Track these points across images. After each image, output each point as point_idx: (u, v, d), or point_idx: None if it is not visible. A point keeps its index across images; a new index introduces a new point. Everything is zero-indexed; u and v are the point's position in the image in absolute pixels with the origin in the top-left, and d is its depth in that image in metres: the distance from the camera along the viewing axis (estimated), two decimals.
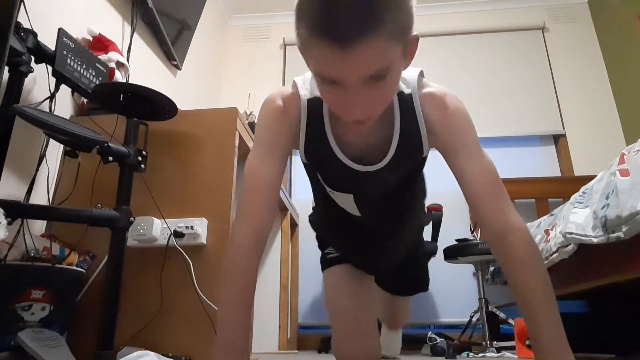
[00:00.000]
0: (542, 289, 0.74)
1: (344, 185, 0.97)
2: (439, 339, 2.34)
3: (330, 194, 1.01)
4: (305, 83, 0.90)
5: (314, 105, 0.87)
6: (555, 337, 0.72)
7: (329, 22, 0.64)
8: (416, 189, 1.12)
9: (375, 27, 0.62)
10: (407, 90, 0.86)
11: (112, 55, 1.80)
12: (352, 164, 0.89)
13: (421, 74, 0.88)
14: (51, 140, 1.51)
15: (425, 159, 0.96)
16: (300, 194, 3.48)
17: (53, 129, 1.13)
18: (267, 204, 0.83)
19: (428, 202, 2.65)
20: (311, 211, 1.37)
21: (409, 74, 0.87)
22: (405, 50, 0.72)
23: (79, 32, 1.78)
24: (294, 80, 0.91)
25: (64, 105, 1.70)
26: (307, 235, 3.33)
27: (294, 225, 3.14)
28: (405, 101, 0.85)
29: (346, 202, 1.00)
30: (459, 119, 0.84)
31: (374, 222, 1.07)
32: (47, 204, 1.51)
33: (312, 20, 0.67)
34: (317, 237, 1.38)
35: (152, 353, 1.25)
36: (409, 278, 1.44)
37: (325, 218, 1.21)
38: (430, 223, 2.72)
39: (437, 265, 2.67)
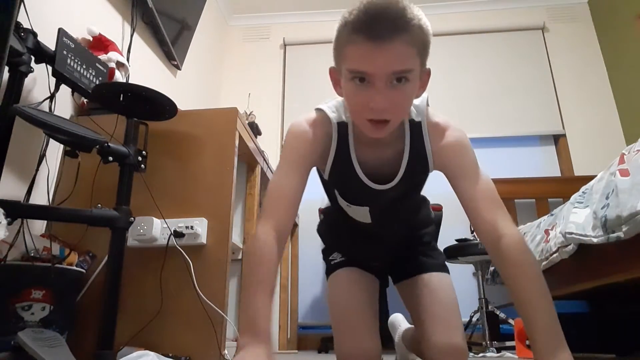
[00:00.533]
0: (537, 289, 0.79)
1: (362, 201, 1.08)
2: None
3: (346, 208, 1.11)
4: (332, 108, 1.01)
5: (342, 128, 1.00)
6: (552, 334, 0.75)
7: (368, 24, 0.80)
8: (419, 193, 1.23)
9: (404, 31, 0.80)
10: (417, 118, 0.99)
11: (112, 55, 1.80)
12: (371, 183, 1.02)
13: (427, 102, 1.02)
14: (51, 140, 1.51)
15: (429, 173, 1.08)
16: None
17: (53, 129, 1.13)
18: (288, 210, 0.91)
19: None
20: (318, 219, 1.44)
21: (419, 103, 1.00)
22: (422, 76, 0.89)
23: (79, 32, 1.78)
24: (319, 108, 1.02)
25: (64, 105, 1.70)
26: (307, 236, 3.33)
27: (294, 225, 3.14)
28: (415, 127, 0.99)
29: (360, 213, 1.11)
30: (459, 147, 0.98)
31: (384, 226, 1.15)
32: (47, 204, 1.51)
33: (355, 23, 0.81)
34: (323, 248, 1.37)
35: (152, 353, 1.25)
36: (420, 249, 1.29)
37: (336, 226, 1.28)
38: None
39: None
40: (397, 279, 1.29)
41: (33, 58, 1.33)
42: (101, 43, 1.82)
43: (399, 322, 1.61)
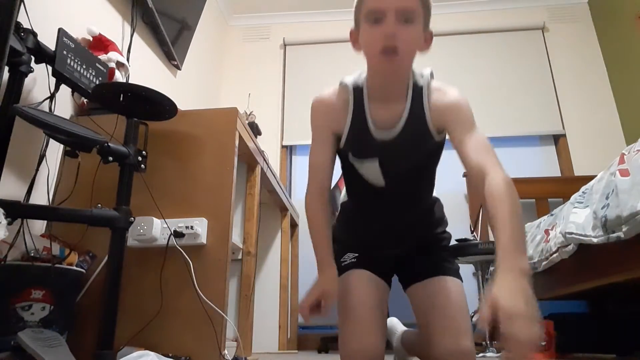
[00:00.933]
0: (511, 210, 0.84)
1: (371, 153, 1.16)
2: None
3: (358, 167, 1.18)
4: (349, 78, 1.16)
5: (358, 92, 1.14)
6: (514, 241, 0.80)
7: None
8: (432, 177, 1.27)
9: None
10: (420, 82, 1.12)
11: (112, 55, 1.80)
12: (376, 131, 1.12)
13: (432, 75, 1.15)
14: (51, 140, 1.51)
15: (437, 146, 1.17)
16: (301, 194, 3.48)
17: (53, 129, 1.13)
18: (325, 175, 1.16)
19: None
20: None
21: (424, 72, 1.14)
22: (425, 35, 1.08)
23: (79, 32, 1.78)
24: (340, 81, 1.17)
25: (64, 105, 1.70)
26: (307, 236, 3.33)
27: (294, 225, 3.14)
28: (417, 88, 1.12)
29: (372, 170, 1.18)
30: (457, 106, 1.09)
31: (395, 192, 1.21)
32: (47, 204, 1.51)
33: None
34: (335, 241, 1.34)
35: (152, 353, 1.25)
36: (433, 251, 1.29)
37: (352, 216, 1.35)
38: None
39: None
40: (411, 281, 1.26)
41: (33, 58, 1.33)
42: (101, 43, 1.82)
43: (396, 325, 1.60)
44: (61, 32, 1.39)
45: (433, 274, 1.22)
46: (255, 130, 2.89)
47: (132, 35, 2.23)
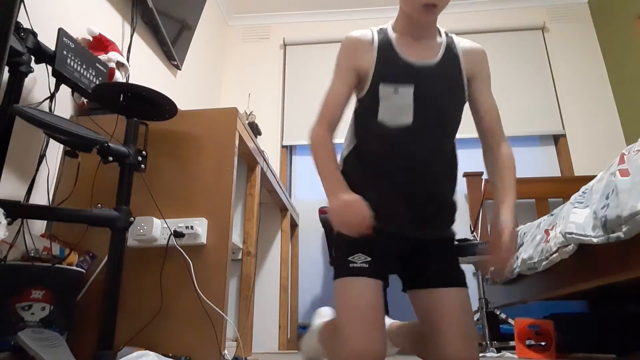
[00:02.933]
0: (512, 181, 1.15)
1: (406, 79, 1.15)
2: None
3: (387, 99, 1.14)
4: (375, 28, 1.19)
5: (382, 34, 1.18)
6: (513, 189, 1.14)
7: None
8: (457, 128, 1.25)
9: None
10: (449, 34, 1.22)
11: (112, 55, 1.80)
12: (414, 59, 1.14)
13: None
14: (51, 140, 1.51)
15: (462, 100, 1.21)
16: (301, 194, 3.48)
17: (53, 129, 1.13)
18: (337, 110, 1.14)
19: None
20: (318, 219, 1.52)
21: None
22: None
23: (79, 32, 1.78)
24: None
25: (64, 105, 1.70)
26: (307, 236, 3.34)
27: (294, 225, 3.14)
28: (448, 36, 1.21)
29: (403, 102, 1.15)
30: (485, 54, 1.23)
31: (422, 133, 1.16)
32: (47, 204, 1.51)
33: None
34: (341, 244, 1.22)
35: (152, 353, 1.25)
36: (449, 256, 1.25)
37: (366, 154, 1.22)
38: None
39: None
40: (418, 284, 1.20)
41: (33, 58, 1.33)
42: (101, 43, 1.82)
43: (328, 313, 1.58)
44: (61, 32, 1.39)
45: (446, 284, 1.15)
46: (255, 130, 2.89)
47: (132, 35, 2.23)
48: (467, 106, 1.24)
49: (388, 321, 1.50)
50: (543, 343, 1.99)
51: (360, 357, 1.03)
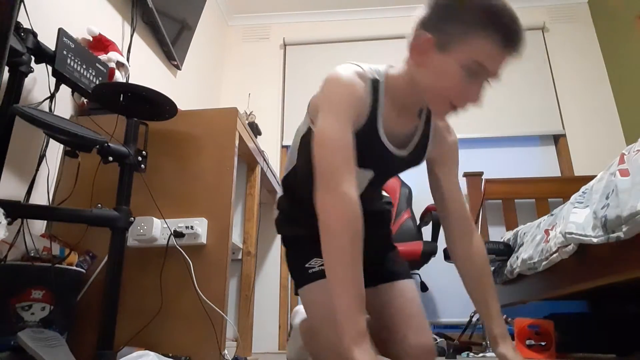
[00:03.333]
0: (495, 291, 1.09)
1: (372, 164, 1.09)
2: (438, 339, 2.34)
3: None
4: (366, 67, 1.03)
5: (375, 87, 1.02)
6: (499, 311, 1.09)
7: (511, 33, 0.89)
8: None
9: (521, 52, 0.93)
10: (426, 113, 1.12)
11: (112, 55, 1.80)
12: (391, 146, 1.05)
13: None
14: (51, 140, 1.51)
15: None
16: None
17: (53, 129, 1.13)
18: (353, 164, 0.91)
19: (428, 202, 2.66)
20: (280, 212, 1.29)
21: None
22: None
23: (79, 32, 1.78)
24: (357, 65, 1.02)
25: (64, 105, 1.70)
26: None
27: None
28: (428, 112, 1.12)
29: (359, 180, 1.05)
30: (455, 149, 1.16)
31: (367, 202, 1.08)
32: (47, 204, 1.51)
33: (499, 24, 0.88)
34: (291, 244, 1.23)
35: (152, 353, 1.25)
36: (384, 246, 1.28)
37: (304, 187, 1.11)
38: (430, 223, 2.73)
39: (437, 265, 2.68)
40: (374, 282, 1.20)
41: (33, 58, 1.33)
42: (101, 43, 1.82)
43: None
44: (61, 32, 1.39)
45: (393, 278, 1.19)
46: (255, 130, 2.89)
47: (132, 35, 2.23)
48: None
49: None
50: (543, 343, 1.99)
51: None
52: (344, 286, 0.79)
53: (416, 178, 2.81)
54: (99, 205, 1.29)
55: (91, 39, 1.82)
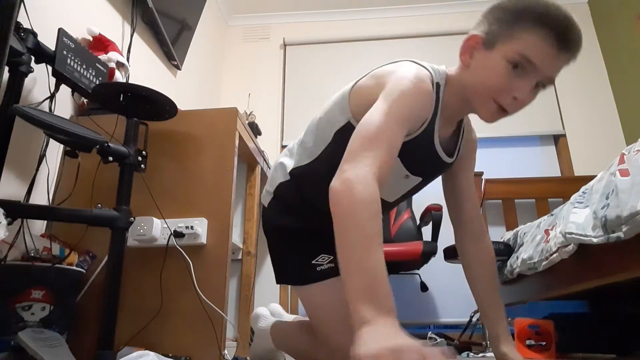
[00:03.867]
0: (499, 294, 1.11)
1: (422, 171, 1.05)
2: (438, 339, 2.34)
3: (392, 172, 0.92)
4: (433, 71, 0.95)
5: (438, 95, 0.96)
6: (504, 314, 1.09)
7: (565, 32, 0.85)
8: None
9: (577, 55, 0.92)
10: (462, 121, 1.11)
11: (112, 55, 1.80)
12: (443, 154, 1.02)
13: None
14: (51, 140, 1.51)
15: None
16: None
17: (53, 129, 1.13)
18: (391, 159, 0.79)
19: (428, 202, 2.65)
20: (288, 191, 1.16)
21: None
22: None
23: (79, 32, 1.78)
24: (423, 66, 0.94)
25: (64, 105, 1.70)
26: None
27: None
28: (462, 126, 1.10)
29: (398, 187, 1.08)
30: (476, 141, 1.16)
31: (388, 208, 1.13)
32: (47, 204, 1.51)
33: (553, 22, 0.84)
34: (288, 236, 1.13)
35: (152, 353, 1.25)
36: None
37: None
38: (430, 223, 2.73)
39: (437, 265, 2.68)
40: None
41: (33, 58, 1.33)
42: (101, 43, 1.82)
43: (280, 312, 1.50)
44: (61, 32, 1.39)
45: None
46: (255, 130, 2.89)
47: (132, 35, 2.23)
48: None
49: (286, 317, 1.46)
50: (543, 343, 1.99)
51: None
52: (364, 258, 0.63)
53: None
54: (99, 205, 1.29)
55: (91, 39, 1.82)
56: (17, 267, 1.24)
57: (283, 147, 3.62)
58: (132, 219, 1.32)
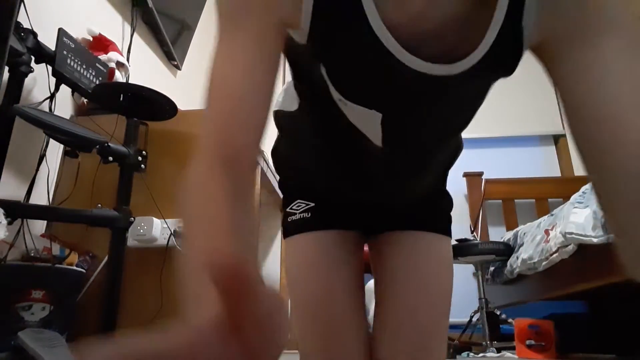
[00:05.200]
0: None
1: (374, 98, 0.57)
2: None
3: (340, 105, 0.59)
4: None
5: None
6: None
7: None
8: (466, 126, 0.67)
9: None
10: None
11: (112, 55, 1.80)
12: (408, 55, 0.49)
13: None
14: (51, 140, 1.51)
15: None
16: None
17: (53, 129, 1.14)
18: (245, 116, 0.49)
19: None
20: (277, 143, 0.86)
21: None
22: None
23: (79, 32, 1.78)
24: None
25: (64, 105, 1.70)
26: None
27: None
28: None
29: (364, 122, 0.61)
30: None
31: (396, 159, 0.68)
32: (47, 204, 1.51)
33: None
34: (282, 184, 0.86)
35: None
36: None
37: (313, 142, 0.74)
38: None
39: None
40: (380, 228, 0.81)
41: (33, 58, 1.33)
42: (101, 43, 1.82)
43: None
44: (61, 32, 1.39)
45: (418, 227, 0.76)
46: None
47: (132, 36, 2.23)
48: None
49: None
50: (543, 343, 1.99)
51: None
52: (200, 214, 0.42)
53: None
54: (99, 205, 1.29)
55: (91, 39, 1.82)
56: (17, 267, 1.24)
57: None
58: (132, 219, 1.32)
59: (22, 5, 1.29)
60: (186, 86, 3.01)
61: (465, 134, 0.82)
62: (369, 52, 0.49)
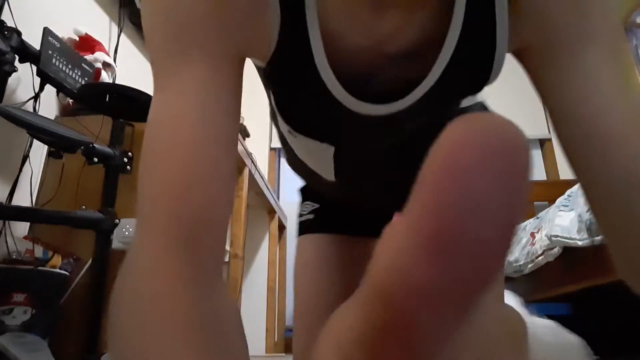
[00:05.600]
0: None
1: (322, 130, 0.52)
2: None
3: (288, 138, 0.57)
4: None
5: None
6: None
7: None
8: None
9: None
10: None
11: (99, 55, 1.78)
12: (350, 99, 0.45)
13: None
14: (35, 140, 1.49)
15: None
16: (289, 196, 3.47)
17: (37, 130, 1.12)
18: (204, 174, 0.38)
19: None
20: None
21: None
22: None
23: (65, 31, 1.75)
24: None
25: (49, 105, 1.68)
26: (295, 238, 3.33)
27: (282, 227, 3.13)
28: None
29: (314, 155, 0.58)
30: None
31: (355, 191, 0.67)
32: (30, 205, 1.48)
33: None
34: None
35: None
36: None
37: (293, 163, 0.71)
38: None
39: None
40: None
41: (17, 57, 1.31)
42: (87, 43, 1.80)
43: None
44: (46, 32, 1.37)
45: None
46: (243, 132, 2.88)
47: (119, 36, 2.21)
48: None
49: None
50: None
51: None
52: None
53: None
54: (84, 207, 1.27)
55: (77, 38, 1.80)
56: None
57: (272, 149, 3.61)
58: (117, 221, 1.30)
59: (6, 3, 1.27)
60: None
61: None
62: (312, 91, 0.45)
